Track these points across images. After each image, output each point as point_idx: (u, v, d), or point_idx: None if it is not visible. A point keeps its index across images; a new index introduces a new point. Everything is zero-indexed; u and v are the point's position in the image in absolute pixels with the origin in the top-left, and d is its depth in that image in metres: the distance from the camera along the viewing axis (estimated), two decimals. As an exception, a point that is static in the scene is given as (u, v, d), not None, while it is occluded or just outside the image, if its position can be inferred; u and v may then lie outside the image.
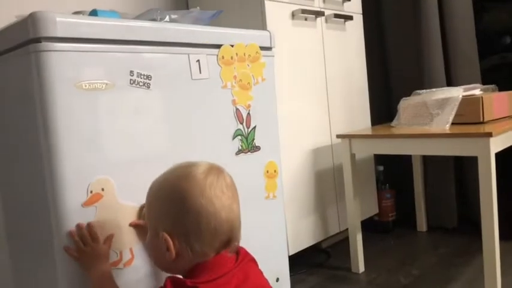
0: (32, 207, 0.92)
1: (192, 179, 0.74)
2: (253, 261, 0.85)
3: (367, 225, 1.96)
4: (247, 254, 0.83)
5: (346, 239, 1.69)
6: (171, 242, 0.73)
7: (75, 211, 0.85)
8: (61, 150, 0.84)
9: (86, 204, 0.86)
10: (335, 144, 1.79)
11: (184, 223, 0.73)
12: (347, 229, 1.69)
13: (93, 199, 0.87)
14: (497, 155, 1.33)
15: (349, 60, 1.88)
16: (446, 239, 1.90)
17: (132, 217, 0.93)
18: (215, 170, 0.78)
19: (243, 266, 0.79)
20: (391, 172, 2.07)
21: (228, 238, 0.76)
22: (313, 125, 1.71)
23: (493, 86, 1.65)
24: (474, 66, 1.96)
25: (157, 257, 0.79)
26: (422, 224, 2.02)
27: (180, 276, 0.77)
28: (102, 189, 0.88)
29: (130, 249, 0.93)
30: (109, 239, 0.87)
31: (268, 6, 1.52)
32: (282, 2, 1.58)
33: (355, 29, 1.92)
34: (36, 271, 0.95)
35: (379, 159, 2.06)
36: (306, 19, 1.67)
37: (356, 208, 1.64)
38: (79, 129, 0.86)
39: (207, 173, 0.76)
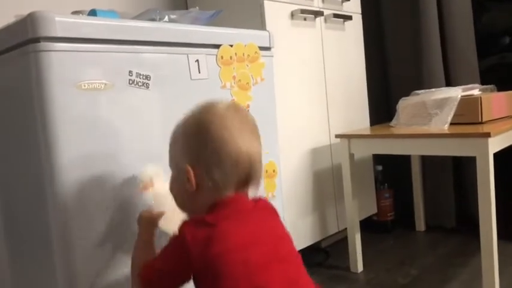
0: (30, 207, 0.93)
1: (213, 112, 0.76)
2: (274, 212, 0.83)
3: (366, 225, 1.96)
4: (268, 204, 0.83)
5: (345, 238, 1.70)
6: (191, 173, 0.74)
7: (74, 211, 0.86)
8: (60, 150, 0.84)
9: (142, 190, 0.89)
10: (334, 144, 1.79)
11: (205, 153, 0.74)
12: (346, 229, 1.69)
13: (146, 186, 0.89)
14: (496, 154, 1.34)
15: (348, 60, 1.88)
16: (445, 238, 1.90)
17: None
18: (236, 106, 0.80)
19: (263, 213, 0.79)
20: (390, 172, 2.07)
21: (248, 174, 0.75)
22: (312, 125, 1.71)
23: (491, 86, 1.65)
24: (473, 66, 1.96)
25: (179, 194, 0.79)
26: (420, 223, 2.03)
27: None
28: (151, 179, 0.90)
29: None
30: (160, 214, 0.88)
31: (267, 6, 1.52)
32: (281, 2, 1.58)
33: (355, 29, 1.92)
34: (35, 271, 0.95)
35: (378, 159, 2.06)
36: (305, 19, 1.67)
37: (355, 208, 1.64)
38: (78, 129, 0.86)
39: (228, 106, 0.77)
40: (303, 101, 1.67)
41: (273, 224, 0.80)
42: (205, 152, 0.74)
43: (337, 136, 1.64)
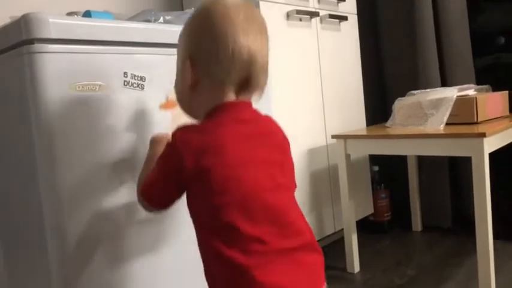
0: (26, 209, 0.92)
1: (218, 3, 0.72)
2: (278, 135, 0.79)
3: (363, 225, 1.96)
4: (272, 121, 0.80)
5: (342, 239, 1.70)
6: (189, 64, 0.72)
7: (70, 213, 0.85)
8: (54, 152, 0.84)
9: (163, 108, 0.91)
10: (330, 145, 1.79)
11: (204, 45, 0.71)
12: (342, 229, 1.69)
13: (169, 105, 0.92)
14: (493, 154, 1.34)
15: (344, 60, 1.89)
16: (441, 238, 1.91)
17: None
18: (247, 3, 0.75)
19: (264, 122, 0.77)
20: (386, 172, 2.07)
21: (248, 74, 0.71)
22: (308, 126, 1.71)
23: (486, 86, 1.65)
24: (468, 66, 1.97)
25: (180, 92, 0.78)
26: (417, 223, 2.03)
27: None
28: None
29: None
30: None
31: (263, 7, 1.52)
32: (277, 2, 1.58)
33: (350, 30, 1.92)
34: (31, 275, 0.95)
35: (374, 159, 2.06)
36: (300, 20, 1.67)
37: (351, 208, 1.64)
38: (73, 130, 0.86)
39: (237, 1, 0.73)
40: (299, 101, 1.67)
41: (273, 147, 0.76)
42: (204, 43, 0.71)
43: (333, 137, 1.65)
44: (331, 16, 1.79)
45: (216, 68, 0.71)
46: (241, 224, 0.67)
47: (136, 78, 0.96)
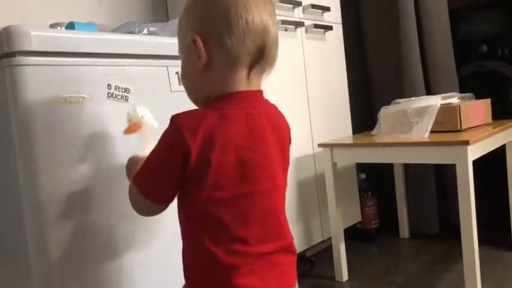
0: (7, 217, 0.91)
1: None
2: (284, 135, 0.77)
3: (351, 233, 1.97)
4: (281, 116, 0.79)
5: (330, 247, 1.70)
6: (201, 43, 0.67)
7: (52, 221, 0.84)
8: (38, 165, 0.83)
9: (127, 132, 0.86)
10: (317, 153, 1.79)
11: (213, 15, 0.67)
12: (330, 238, 1.69)
13: (134, 127, 0.86)
14: (478, 161, 1.36)
15: (329, 69, 1.90)
16: (429, 245, 1.92)
17: None
18: None
19: (273, 117, 0.75)
20: (374, 180, 2.08)
21: (263, 43, 0.67)
22: (294, 135, 1.69)
23: (469, 94, 1.68)
24: (452, 75, 2.00)
25: (190, 77, 0.73)
26: (404, 230, 2.04)
27: None
28: (142, 117, 0.87)
29: None
30: None
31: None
32: (262, 13, 1.59)
33: (335, 39, 1.94)
34: (10, 280, 0.93)
35: (362, 167, 2.07)
36: (286, 29, 1.68)
37: (339, 216, 1.64)
38: (55, 143, 0.85)
39: None
40: (285, 110, 1.65)
41: (277, 147, 0.74)
42: (214, 13, 0.67)
43: (319, 145, 1.65)
44: (316, 26, 1.80)
45: (231, 37, 0.66)
46: (231, 223, 0.66)
47: (120, 90, 0.96)
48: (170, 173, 0.67)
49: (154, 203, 0.70)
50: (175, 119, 0.66)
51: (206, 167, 0.65)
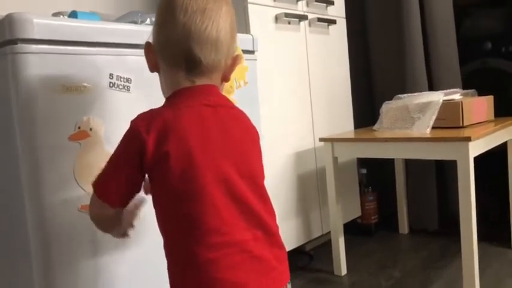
0: (7, 210, 0.91)
1: None
2: (243, 121, 0.77)
3: (350, 228, 1.97)
4: (228, 103, 0.76)
5: (329, 241, 1.70)
6: (149, 51, 0.75)
7: (53, 211, 0.84)
8: (39, 153, 0.83)
9: (71, 138, 0.86)
10: (318, 148, 1.79)
11: (155, 30, 0.74)
12: (330, 232, 1.69)
13: (79, 136, 0.88)
14: (480, 157, 1.36)
15: (332, 63, 1.89)
16: (428, 241, 1.92)
17: None
18: None
19: (228, 116, 0.74)
20: (374, 175, 2.08)
21: (188, 49, 0.70)
22: (296, 129, 1.71)
23: (472, 90, 1.67)
24: (455, 71, 1.99)
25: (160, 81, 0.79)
26: (404, 226, 2.04)
27: None
28: (90, 129, 0.89)
29: None
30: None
31: (252, 10, 1.52)
32: (266, 5, 1.58)
33: (339, 33, 1.93)
34: (11, 276, 0.93)
35: (362, 162, 2.07)
36: (289, 23, 1.68)
37: (338, 211, 1.64)
38: (57, 132, 0.85)
39: None
40: (287, 104, 1.67)
41: (241, 136, 0.74)
42: (156, 28, 0.74)
43: (321, 140, 1.65)
44: (320, 20, 1.80)
45: (164, 48, 0.72)
46: (202, 214, 0.66)
47: (122, 79, 0.96)
48: (127, 169, 0.69)
49: (106, 203, 0.70)
50: (132, 121, 0.70)
51: (166, 160, 0.66)
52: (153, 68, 0.76)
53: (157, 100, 1.01)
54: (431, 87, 1.97)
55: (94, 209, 0.74)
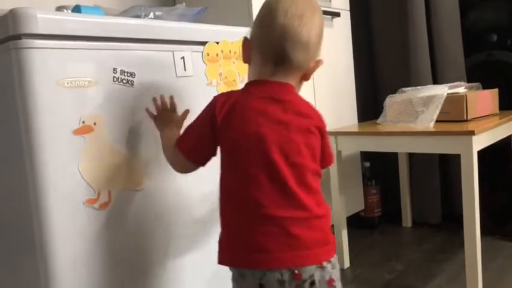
0: (12, 205, 0.92)
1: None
2: (310, 121, 0.85)
3: (353, 221, 1.98)
4: (295, 98, 0.86)
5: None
6: (246, 45, 0.88)
7: (57, 207, 0.85)
8: (43, 148, 0.83)
9: (76, 133, 0.88)
10: (322, 141, 1.79)
11: (255, 27, 0.86)
12: (333, 225, 1.70)
13: (84, 130, 0.89)
14: (482, 150, 1.35)
15: (336, 57, 1.89)
16: (431, 234, 1.93)
17: (117, 160, 0.95)
18: None
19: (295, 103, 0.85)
20: (378, 168, 2.08)
21: (282, 48, 0.81)
22: (299, 122, 1.71)
23: (477, 84, 1.66)
24: (460, 64, 1.98)
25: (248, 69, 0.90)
26: (407, 219, 2.05)
27: None
28: (94, 124, 0.91)
29: (109, 192, 0.93)
30: (185, 113, 1.00)
31: (255, 3, 1.51)
32: (269, -2, 1.57)
33: (343, 26, 1.92)
34: (16, 270, 0.95)
35: (366, 155, 2.07)
36: (293, 16, 1.66)
37: (341, 204, 1.65)
38: (61, 126, 0.86)
39: None
40: (290, 97, 1.66)
41: (298, 133, 0.82)
42: (255, 27, 0.86)
43: (324, 133, 1.65)
44: (324, 12, 1.77)
45: (261, 43, 0.84)
46: (248, 186, 0.78)
47: (126, 74, 0.96)
48: (202, 132, 0.85)
49: (188, 160, 0.87)
50: (215, 96, 0.86)
51: (227, 132, 0.81)
52: (246, 60, 0.89)
53: (160, 94, 1.01)
54: (436, 81, 1.96)
55: (177, 166, 0.91)
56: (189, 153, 0.87)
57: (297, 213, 0.78)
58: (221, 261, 0.82)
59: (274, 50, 0.82)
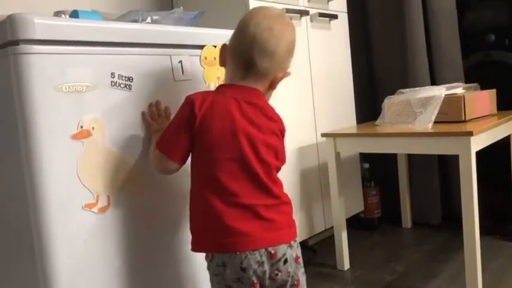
0: (12, 209, 0.92)
1: (253, 10, 0.96)
2: (271, 117, 0.95)
3: (353, 222, 1.98)
4: (261, 103, 0.94)
5: (332, 236, 1.71)
6: (223, 51, 0.97)
7: (56, 211, 0.85)
8: (41, 153, 0.84)
9: (74, 137, 0.88)
10: (320, 143, 1.80)
11: (231, 38, 0.95)
12: (333, 227, 1.70)
13: (82, 135, 0.90)
14: (481, 151, 1.36)
15: (334, 58, 1.89)
16: (430, 235, 1.93)
17: (115, 164, 0.95)
18: (276, 13, 0.95)
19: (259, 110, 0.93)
20: (377, 169, 2.08)
21: (249, 55, 0.90)
22: (298, 124, 1.72)
23: (475, 84, 1.67)
24: (457, 65, 1.99)
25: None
26: (407, 220, 2.05)
27: None
28: (93, 128, 0.91)
29: (108, 197, 0.94)
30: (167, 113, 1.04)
31: (253, 6, 1.51)
32: (267, 1, 1.58)
33: (340, 28, 1.93)
34: (15, 275, 0.95)
35: (365, 156, 2.08)
36: (290, 18, 1.67)
37: (341, 206, 1.65)
38: (59, 131, 0.86)
39: (267, 9, 0.95)
40: (289, 100, 1.67)
41: (266, 131, 0.92)
42: (232, 35, 0.95)
43: (323, 135, 1.65)
44: (321, 15, 1.79)
45: (233, 51, 0.94)
46: (225, 179, 0.86)
47: (123, 78, 0.96)
48: (182, 131, 0.89)
49: (167, 157, 0.91)
50: (190, 95, 0.91)
51: (205, 131, 0.87)
52: (222, 63, 0.98)
53: (158, 98, 1.02)
54: (434, 81, 1.96)
55: (159, 166, 0.95)
56: (167, 151, 0.91)
57: (269, 201, 0.89)
58: (198, 249, 0.91)
59: (244, 57, 0.91)
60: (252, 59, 0.90)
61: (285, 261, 0.88)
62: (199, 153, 0.90)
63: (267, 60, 0.90)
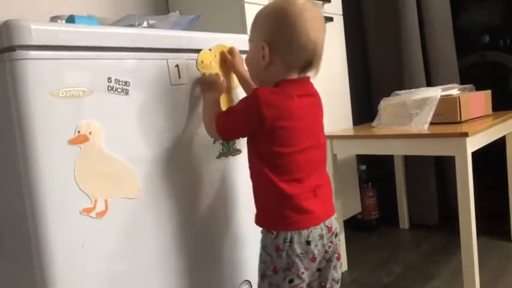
0: (8, 214, 0.92)
1: (293, 3, 0.93)
2: (321, 108, 1.06)
3: (351, 224, 1.98)
4: (319, 101, 1.05)
5: (330, 238, 1.71)
6: (267, 50, 0.94)
7: (54, 216, 0.85)
8: (38, 159, 0.84)
9: (71, 142, 0.88)
10: (317, 145, 1.80)
11: (281, 36, 0.93)
12: (330, 228, 1.70)
13: (79, 140, 0.89)
14: (477, 151, 1.36)
15: (330, 61, 1.90)
16: (428, 236, 1.93)
17: (113, 168, 0.95)
18: (313, 2, 0.97)
19: (315, 103, 1.03)
20: (374, 171, 2.09)
21: (311, 59, 0.95)
22: (295, 126, 1.72)
23: (470, 85, 1.68)
24: (452, 66, 2.00)
25: (254, 66, 1.00)
26: (404, 221, 2.05)
27: None
28: (90, 133, 0.91)
29: (106, 201, 0.93)
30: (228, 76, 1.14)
31: (249, 10, 1.52)
32: (262, 4, 1.57)
33: (336, 30, 1.94)
34: (13, 279, 0.95)
35: (362, 158, 2.08)
36: (286, 21, 1.68)
37: (338, 207, 1.65)
38: (56, 137, 0.86)
39: (306, 1, 0.94)
40: (285, 102, 1.67)
41: (319, 117, 1.05)
42: (285, 36, 0.92)
43: (319, 137, 1.65)
44: (317, 17, 1.79)
45: (290, 55, 0.94)
46: (291, 168, 0.94)
47: (120, 83, 0.96)
48: (245, 127, 0.97)
49: (221, 137, 1.06)
50: (256, 90, 0.94)
51: (278, 131, 0.93)
52: (269, 63, 0.95)
53: (155, 102, 1.02)
54: (429, 83, 1.98)
55: (211, 133, 1.06)
56: (223, 133, 1.01)
57: (321, 181, 0.98)
58: (265, 226, 0.97)
59: (305, 59, 0.95)
60: (313, 61, 0.96)
61: (336, 235, 0.99)
62: (269, 142, 0.94)
63: (320, 61, 0.99)
